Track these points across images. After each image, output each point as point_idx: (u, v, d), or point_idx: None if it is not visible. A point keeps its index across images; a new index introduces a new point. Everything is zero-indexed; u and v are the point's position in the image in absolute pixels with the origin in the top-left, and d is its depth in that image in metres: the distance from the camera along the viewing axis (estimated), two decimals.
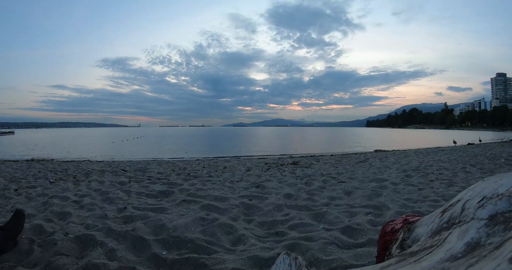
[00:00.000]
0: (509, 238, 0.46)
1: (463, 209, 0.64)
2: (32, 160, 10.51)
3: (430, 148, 15.19)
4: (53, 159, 11.24)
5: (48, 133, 68.08)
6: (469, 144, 17.59)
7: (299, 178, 4.88)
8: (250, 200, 3.24)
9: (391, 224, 1.02)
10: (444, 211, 0.73)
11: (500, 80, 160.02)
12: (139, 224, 2.30)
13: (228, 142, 29.52)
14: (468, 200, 0.65)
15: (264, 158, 11.04)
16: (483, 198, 0.60)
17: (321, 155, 12.23)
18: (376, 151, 14.25)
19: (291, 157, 11.38)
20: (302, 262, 0.78)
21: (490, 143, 18.40)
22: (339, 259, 1.71)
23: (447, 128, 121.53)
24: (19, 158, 11.86)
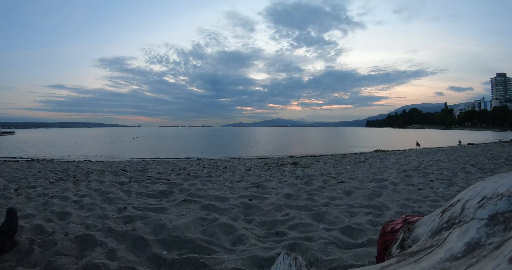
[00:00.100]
0: (509, 238, 0.46)
1: (463, 209, 0.64)
2: (32, 160, 10.51)
3: (431, 148, 15.18)
4: (53, 159, 11.24)
5: (48, 133, 68.09)
6: (469, 144, 17.59)
7: (299, 178, 4.88)
8: (250, 200, 3.24)
9: (391, 224, 1.02)
10: (444, 211, 0.73)
11: (500, 80, 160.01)
12: (139, 224, 2.30)
13: (232, 142, 29.57)
14: (468, 200, 0.65)
15: (264, 158, 11.05)
16: (483, 198, 0.60)
17: (321, 155, 12.23)
18: (376, 151, 14.25)
19: (291, 157, 11.38)
20: (302, 262, 0.78)
21: (490, 143, 18.40)
22: (339, 259, 1.71)
23: (447, 128, 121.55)
24: (19, 158, 11.87)
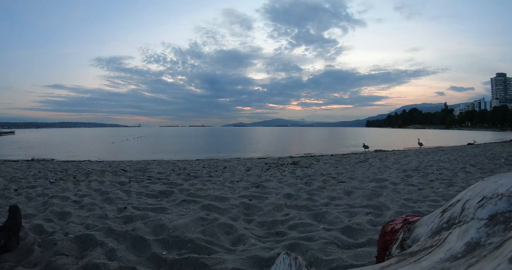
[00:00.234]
0: (509, 238, 0.46)
1: (463, 209, 0.64)
2: (32, 160, 10.51)
3: (431, 148, 15.18)
4: (53, 159, 11.24)
5: (48, 133, 68.12)
6: (469, 144, 17.60)
7: (299, 178, 4.88)
8: (250, 200, 3.24)
9: (391, 224, 1.02)
10: (444, 211, 0.73)
11: (500, 80, 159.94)
12: (139, 224, 2.30)
13: (232, 142, 29.56)
14: (468, 200, 0.65)
15: (264, 158, 11.05)
16: (483, 198, 0.60)
17: (321, 155, 12.23)
18: (376, 151, 14.25)
19: (291, 157, 11.38)
20: (302, 262, 0.78)
21: (490, 143, 18.40)
22: (339, 259, 1.71)
23: (447, 128, 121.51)
24: (19, 158, 11.87)
